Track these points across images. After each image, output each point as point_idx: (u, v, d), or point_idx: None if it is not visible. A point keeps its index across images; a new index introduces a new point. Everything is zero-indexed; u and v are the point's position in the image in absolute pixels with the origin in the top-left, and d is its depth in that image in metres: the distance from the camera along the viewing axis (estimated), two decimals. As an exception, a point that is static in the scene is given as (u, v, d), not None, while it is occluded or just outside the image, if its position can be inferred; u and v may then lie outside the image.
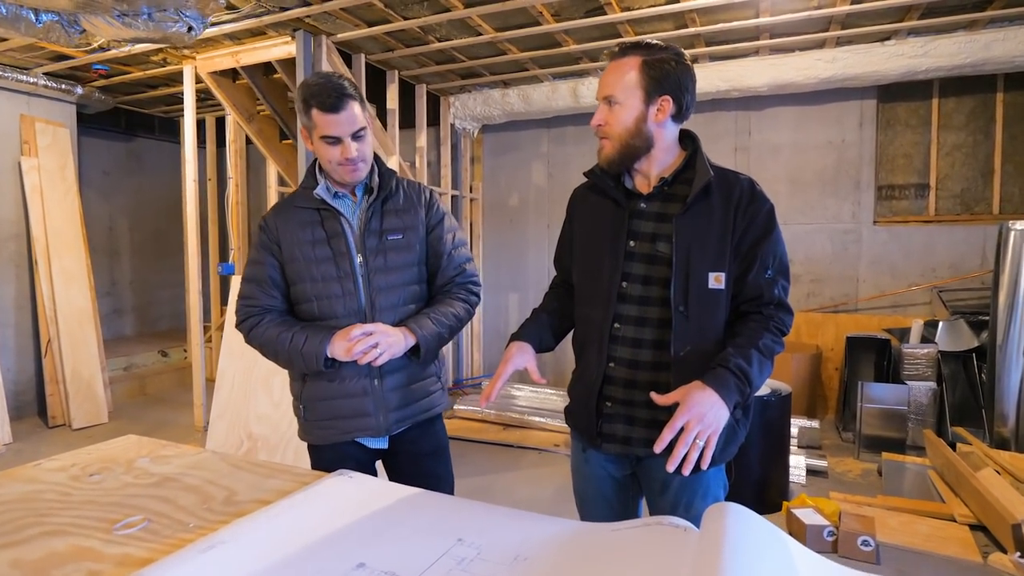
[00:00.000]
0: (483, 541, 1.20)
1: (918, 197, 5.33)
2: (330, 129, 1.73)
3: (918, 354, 4.63)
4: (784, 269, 1.55)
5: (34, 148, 5.44)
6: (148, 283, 7.88)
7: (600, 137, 1.58)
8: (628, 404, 1.58)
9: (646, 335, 1.56)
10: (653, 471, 1.60)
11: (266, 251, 1.85)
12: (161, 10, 3.31)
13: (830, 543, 3.09)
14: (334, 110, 1.72)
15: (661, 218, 1.55)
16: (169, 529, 1.27)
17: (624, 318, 1.58)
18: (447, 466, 2.01)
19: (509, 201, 6.77)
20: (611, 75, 1.54)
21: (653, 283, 1.55)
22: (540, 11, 4.13)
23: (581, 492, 1.77)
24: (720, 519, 1.15)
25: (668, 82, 1.51)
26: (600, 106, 1.57)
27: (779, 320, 1.52)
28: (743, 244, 1.52)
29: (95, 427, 5.38)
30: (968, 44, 4.41)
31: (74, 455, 1.72)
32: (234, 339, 4.04)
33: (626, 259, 1.57)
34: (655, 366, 1.55)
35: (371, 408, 1.83)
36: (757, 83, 5.01)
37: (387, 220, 1.86)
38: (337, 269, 1.81)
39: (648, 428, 1.55)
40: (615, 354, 1.58)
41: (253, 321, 1.84)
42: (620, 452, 1.61)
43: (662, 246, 1.53)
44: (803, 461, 4.13)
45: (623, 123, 1.53)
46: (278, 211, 1.89)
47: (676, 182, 1.57)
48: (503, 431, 5.08)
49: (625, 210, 1.59)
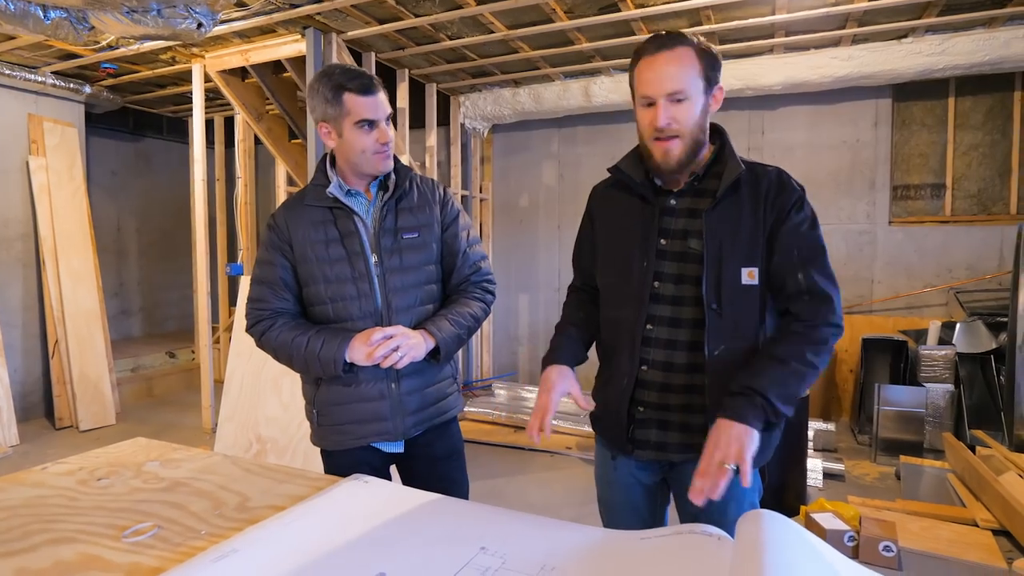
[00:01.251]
0: (507, 550, 1.15)
1: (934, 197, 5.25)
2: (367, 112, 1.69)
3: (936, 356, 4.56)
4: (816, 253, 1.45)
5: (42, 148, 5.42)
6: (156, 284, 7.87)
7: (664, 138, 1.44)
8: (663, 408, 1.52)
9: (681, 336, 1.49)
10: (686, 476, 1.52)
11: (276, 251, 1.79)
12: (171, 6, 3.27)
13: (851, 549, 3.02)
14: (370, 92, 1.69)
15: (692, 214, 1.49)
16: (180, 536, 1.23)
17: (657, 319, 1.51)
18: (462, 470, 1.97)
19: (519, 202, 6.73)
20: (671, 67, 1.41)
21: (686, 282, 1.48)
22: (553, 8, 4.08)
23: (608, 500, 1.71)
24: (756, 527, 1.10)
25: (718, 68, 1.47)
26: (661, 104, 1.42)
27: (818, 319, 1.41)
28: (775, 235, 1.45)
29: (102, 429, 5.35)
30: (987, 42, 4.34)
31: (81, 458, 1.68)
32: (243, 340, 4.00)
33: (658, 258, 1.51)
34: (690, 368, 1.48)
35: (388, 412, 1.78)
36: (771, 82, 4.94)
37: (402, 218, 1.80)
38: (352, 270, 1.75)
39: (683, 432, 1.50)
40: (648, 357, 1.52)
41: (265, 325, 1.78)
42: (654, 459, 1.55)
43: (693, 243, 1.47)
44: (820, 464, 4.07)
45: (693, 118, 1.44)
46: (288, 209, 1.82)
47: (705, 177, 1.51)
48: (513, 433, 5.03)
49: (655, 207, 1.53)
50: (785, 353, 1.38)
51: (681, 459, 1.52)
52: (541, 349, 6.50)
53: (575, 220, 1.85)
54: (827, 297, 1.43)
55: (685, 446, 1.50)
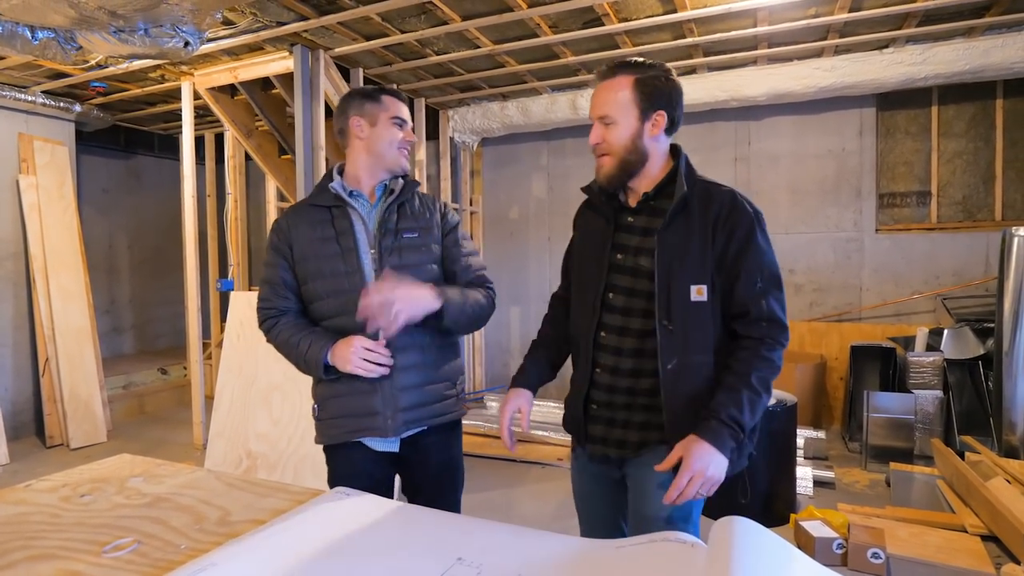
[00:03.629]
0: (484, 560, 1.16)
1: (920, 205, 5.30)
2: (403, 112, 1.91)
3: (924, 362, 4.58)
4: (774, 280, 1.55)
5: (32, 166, 5.43)
6: (147, 301, 7.85)
7: (599, 155, 1.64)
8: (609, 407, 1.65)
9: (627, 344, 1.61)
10: (632, 471, 1.65)
11: (278, 253, 1.90)
12: (157, 26, 3.30)
13: (839, 556, 3.03)
14: (404, 100, 1.94)
15: (646, 232, 1.61)
16: (160, 551, 1.24)
17: (608, 327, 1.64)
18: (458, 483, 2.00)
19: (509, 214, 6.76)
20: (604, 94, 1.61)
21: (637, 295, 1.60)
22: (538, 23, 4.12)
23: (579, 491, 1.86)
24: (727, 534, 1.12)
25: (661, 98, 1.59)
26: (595, 125, 1.63)
27: (772, 339, 1.53)
28: (726, 257, 1.54)
29: (93, 446, 5.33)
30: (967, 51, 4.39)
31: (66, 475, 1.69)
32: (233, 356, 4.00)
33: (613, 271, 1.64)
34: (633, 373, 1.61)
35: (379, 406, 1.81)
36: (756, 93, 4.99)
37: (403, 220, 1.89)
38: (345, 264, 1.82)
39: (623, 429, 1.63)
40: (600, 360, 1.65)
41: (270, 323, 1.90)
42: (601, 453, 1.68)
43: (644, 260, 1.59)
44: (810, 472, 4.07)
45: (620, 140, 1.59)
46: (292, 211, 1.95)
47: (660, 196, 1.62)
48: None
49: (612, 224, 1.66)
50: (760, 383, 1.50)
51: (617, 455, 1.65)
52: (533, 361, 6.50)
53: (565, 232, 1.95)
54: (782, 324, 1.55)
55: (621, 442, 1.64)
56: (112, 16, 3.11)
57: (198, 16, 3.35)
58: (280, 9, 3.84)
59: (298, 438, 3.72)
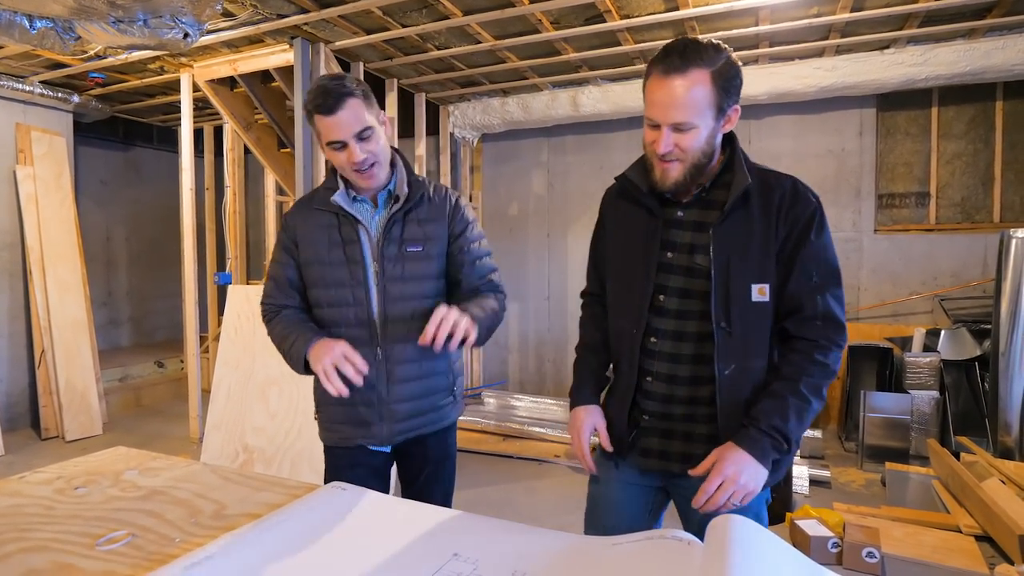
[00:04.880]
0: (479, 555, 1.15)
1: (919, 205, 5.30)
2: (331, 134, 1.64)
3: (920, 363, 4.59)
4: (832, 274, 1.43)
5: (30, 157, 5.41)
6: (145, 293, 7.84)
7: (665, 161, 1.41)
8: (666, 418, 1.53)
9: (684, 350, 1.48)
10: (687, 488, 1.50)
11: (285, 251, 1.85)
12: (157, 16, 3.29)
13: (834, 555, 3.04)
14: (331, 111, 1.62)
15: (699, 227, 1.46)
16: (154, 544, 1.23)
17: (661, 332, 1.50)
18: (451, 474, 1.99)
19: (509, 210, 6.75)
20: (677, 94, 1.33)
21: (692, 296, 1.46)
22: (539, 19, 4.11)
23: (603, 499, 1.68)
24: (724, 533, 1.11)
25: (735, 89, 1.38)
26: (664, 132, 1.37)
27: (827, 340, 1.40)
28: (785, 250, 1.42)
29: (89, 439, 5.32)
30: (967, 52, 4.39)
31: (60, 467, 1.68)
32: (230, 350, 4.00)
33: (663, 271, 1.49)
34: (693, 380, 1.48)
35: (374, 418, 1.80)
36: (757, 91, 4.98)
37: (408, 229, 1.78)
38: (350, 277, 1.77)
39: (685, 442, 1.52)
40: (651, 368, 1.52)
41: (269, 317, 1.87)
42: (657, 468, 1.56)
43: (700, 259, 1.44)
44: (806, 471, 4.08)
45: (698, 146, 1.38)
46: (298, 209, 1.87)
47: (715, 187, 1.47)
48: (503, 442, 5.03)
49: (659, 219, 1.50)
50: (811, 391, 1.39)
51: (681, 470, 1.50)
52: (531, 358, 6.51)
53: (565, 229, 1.87)
54: (839, 323, 1.43)
55: (686, 456, 1.50)
56: (111, 6, 3.09)
57: (197, 7, 3.33)
58: (280, 1, 3.82)
59: (295, 432, 3.72)
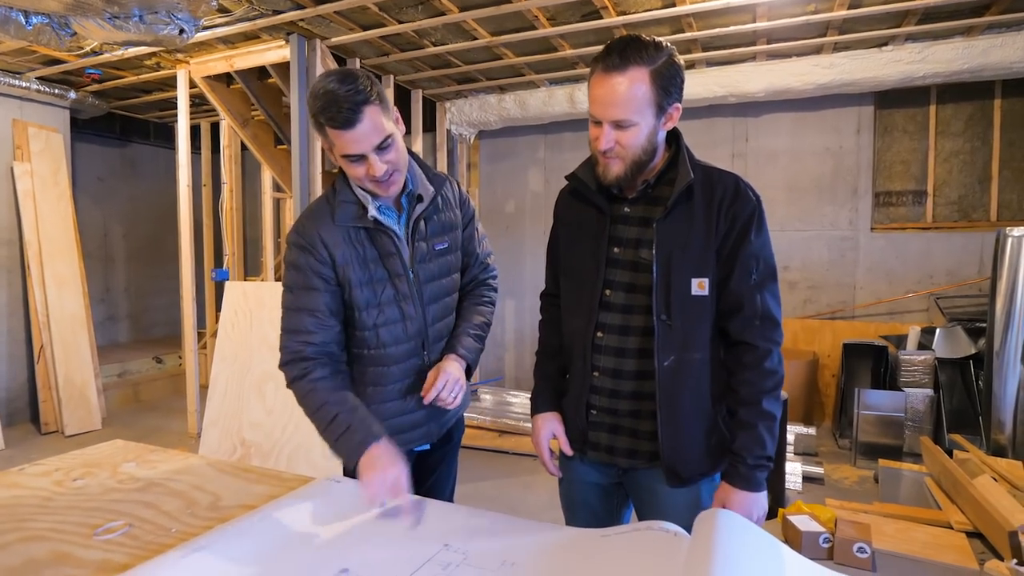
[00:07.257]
0: (469, 547, 1.17)
1: (915, 204, 5.32)
2: (348, 148, 1.48)
3: (915, 361, 4.61)
4: (770, 272, 1.46)
5: (27, 153, 5.41)
6: (143, 289, 7.85)
7: (607, 158, 1.42)
8: (612, 413, 1.54)
9: (630, 344, 1.50)
10: (639, 480, 1.57)
11: (315, 275, 1.58)
12: (152, 12, 3.29)
13: (826, 550, 3.06)
14: (348, 125, 1.44)
15: (644, 222, 1.48)
16: (151, 535, 1.25)
17: (608, 327, 1.52)
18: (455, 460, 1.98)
19: (506, 208, 6.76)
20: (616, 92, 1.34)
21: (638, 291, 1.48)
22: (536, 15, 4.12)
23: (567, 497, 1.75)
24: (710, 525, 1.13)
25: (676, 88, 1.39)
26: (605, 129, 1.38)
27: (767, 343, 1.44)
28: (725, 247, 1.44)
29: (88, 433, 5.34)
30: (966, 50, 4.40)
31: (59, 460, 1.70)
32: (227, 345, 4.01)
33: (610, 266, 1.51)
34: (639, 375, 1.49)
35: (424, 418, 1.76)
36: (754, 89, 4.99)
37: (431, 225, 1.71)
38: (396, 292, 1.64)
39: (631, 437, 1.53)
40: (598, 363, 1.53)
41: (301, 370, 1.57)
42: (604, 461, 1.58)
43: (644, 253, 1.46)
44: (799, 468, 4.10)
45: (638, 143, 1.39)
46: (319, 227, 1.60)
47: (660, 183, 1.49)
48: (498, 438, 5.04)
49: (607, 215, 1.52)
50: (771, 408, 1.43)
51: (628, 465, 1.55)
52: (527, 354, 6.53)
53: None
54: (776, 322, 1.45)
55: (632, 452, 1.53)
56: (107, 2, 3.10)
57: (193, 3, 3.34)
58: (277, -2, 3.83)
59: (292, 427, 3.73)
